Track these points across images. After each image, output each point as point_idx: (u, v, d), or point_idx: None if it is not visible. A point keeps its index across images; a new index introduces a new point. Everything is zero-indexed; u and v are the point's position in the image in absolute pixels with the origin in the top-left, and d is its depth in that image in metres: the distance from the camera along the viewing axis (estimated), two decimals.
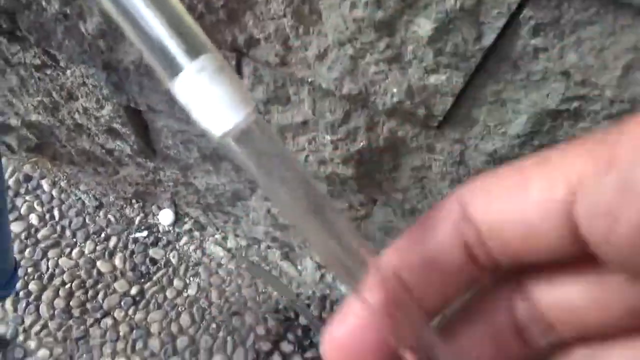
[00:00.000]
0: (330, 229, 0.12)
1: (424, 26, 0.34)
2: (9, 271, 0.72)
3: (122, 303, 0.97)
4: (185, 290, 0.99)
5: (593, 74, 0.32)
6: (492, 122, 0.40)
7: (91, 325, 0.94)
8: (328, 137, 0.50)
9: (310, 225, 0.12)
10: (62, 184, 1.05)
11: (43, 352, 0.91)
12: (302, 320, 0.98)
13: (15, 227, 0.99)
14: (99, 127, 0.72)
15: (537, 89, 0.35)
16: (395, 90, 0.40)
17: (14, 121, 0.82)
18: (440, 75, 0.37)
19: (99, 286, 0.98)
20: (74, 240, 1.01)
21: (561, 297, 0.12)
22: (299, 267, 1.02)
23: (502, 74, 0.36)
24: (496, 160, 0.44)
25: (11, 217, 1.00)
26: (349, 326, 0.13)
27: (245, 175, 0.73)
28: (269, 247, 1.02)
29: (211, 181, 0.80)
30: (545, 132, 0.39)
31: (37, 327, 0.93)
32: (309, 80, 0.44)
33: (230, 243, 1.04)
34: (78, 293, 0.96)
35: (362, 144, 0.49)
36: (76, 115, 0.71)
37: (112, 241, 1.02)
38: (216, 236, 1.04)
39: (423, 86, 0.39)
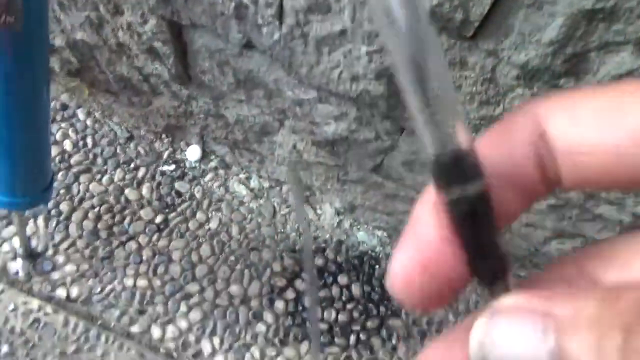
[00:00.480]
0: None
1: None
2: (48, 180, 0.76)
3: (147, 230, 1.01)
4: (207, 223, 1.03)
5: None
6: (527, 29, 0.41)
7: (116, 247, 0.99)
8: (364, 49, 0.51)
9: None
10: (97, 114, 1.09)
11: (70, 267, 0.96)
12: (317, 261, 1.01)
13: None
14: (140, 46, 0.75)
15: None
16: None
17: (58, 41, 0.85)
18: None
19: (126, 212, 1.02)
20: (105, 167, 1.05)
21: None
22: (318, 212, 1.05)
23: None
24: (527, 74, 0.46)
25: None
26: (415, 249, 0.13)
27: (276, 105, 0.75)
28: (290, 189, 1.05)
29: (242, 112, 0.83)
30: (578, 38, 0.40)
31: (65, 244, 0.98)
32: None
33: (254, 183, 1.07)
34: (106, 217, 1.01)
35: None
36: (119, 33, 0.74)
37: (141, 172, 1.06)
38: (240, 175, 1.07)
39: None
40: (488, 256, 0.13)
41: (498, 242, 0.12)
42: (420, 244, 0.12)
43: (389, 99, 0.57)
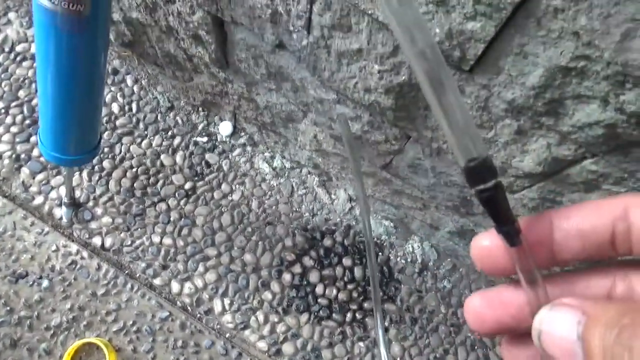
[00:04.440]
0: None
1: None
2: (97, 140, 0.86)
3: (176, 194, 1.11)
4: (230, 195, 1.12)
5: (597, 37, 0.38)
6: (514, 72, 0.47)
7: (148, 207, 1.10)
8: (376, 67, 0.58)
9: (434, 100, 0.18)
10: (143, 82, 1.19)
11: (106, 219, 1.08)
12: (326, 242, 1.10)
13: None
14: (186, 32, 0.83)
15: (554, 46, 0.42)
16: (438, 30, 0.48)
17: (116, 16, 0.94)
18: (477, 22, 0.44)
19: (160, 176, 1.12)
20: (145, 132, 1.16)
21: None
22: (332, 196, 1.13)
23: (527, 29, 0.43)
24: (514, 109, 0.51)
25: None
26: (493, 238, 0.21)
27: (301, 98, 0.83)
28: (309, 172, 1.13)
29: (271, 99, 0.91)
30: (556, 87, 0.45)
31: (104, 198, 1.09)
32: (370, 12, 0.52)
33: (276, 163, 1.15)
34: (142, 177, 1.12)
35: (403, 78, 0.57)
36: (170, 18, 0.82)
37: (177, 140, 1.15)
38: (265, 154, 1.15)
39: (461, 30, 0.46)
40: (507, 224, 0.20)
41: (511, 214, 0.19)
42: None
43: (395, 111, 0.63)
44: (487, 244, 0.21)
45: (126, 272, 1.05)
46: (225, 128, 1.15)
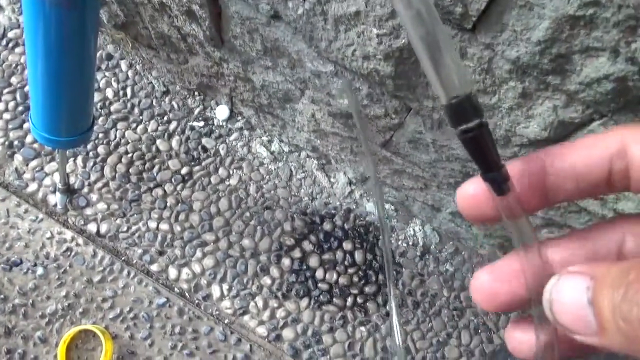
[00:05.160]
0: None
1: None
2: (89, 123, 0.84)
3: (173, 179, 1.09)
4: (227, 179, 1.10)
5: None
6: (519, 27, 0.45)
7: (144, 192, 1.08)
8: (375, 31, 0.56)
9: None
10: (138, 67, 1.17)
11: (102, 205, 1.06)
12: (326, 226, 1.08)
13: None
14: (180, 8, 0.81)
15: None
16: None
17: None
18: None
19: (156, 161, 1.10)
20: (141, 118, 1.14)
21: None
22: (332, 180, 1.11)
23: None
24: (518, 69, 0.50)
25: None
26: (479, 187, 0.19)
27: (298, 75, 0.81)
28: (308, 156, 1.11)
29: (267, 78, 0.89)
30: (563, 40, 0.43)
31: (99, 184, 1.07)
32: None
33: (274, 146, 1.13)
34: (137, 163, 1.10)
35: (403, 41, 0.55)
36: None
37: (172, 125, 1.13)
38: (263, 138, 1.13)
39: None
40: (493, 169, 0.18)
41: (498, 159, 0.18)
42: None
43: (395, 79, 0.61)
44: (472, 192, 0.19)
45: (122, 258, 1.03)
46: (221, 112, 1.13)
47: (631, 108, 0.46)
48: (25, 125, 1.09)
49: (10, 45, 1.16)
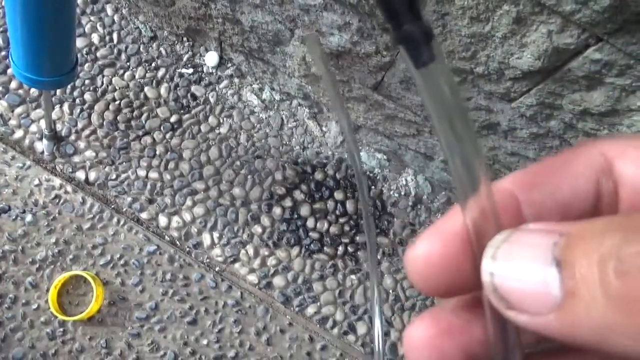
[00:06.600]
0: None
1: None
2: (72, 63, 0.82)
3: (162, 127, 1.07)
4: (217, 128, 1.08)
5: None
6: None
7: (133, 140, 1.06)
8: None
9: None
10: (124, 11, 1.13)
11: (90, 153, 1.04)
12: (317, 175, 1.07)
13: (79, 43, 1.09)
14: None
15: None
16: None
17: None
18: None
19: (144, 108, 1.08)
20: (128, 64, 1.11)
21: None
22: (324, 129, 1.09)
23: None
24: None
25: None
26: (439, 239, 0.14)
27: (287, 12, 0.77)
28: (299, 104, 1.08)
29: (256, 18, 0.85)
30: None
31: (87, 132, 1.05)
32: None
33: (265, 95, 1.11)
34: (125, 110, 1.07)
35: None
36: None
37: (161, 72, 1.11)
38: (254, 86, 1.11)
39: None
40: (408, 20, 0.13)
41: (418, 8, 0.13)
42: (444, 238, 0.14)
43: None
44: (424, 252, 0.14)
45: (112, 206, 1.02)
46: (211, 59, 1.10)
47: (628, 29, 0.44)
48: (9, 71, 1.06)
49: None
